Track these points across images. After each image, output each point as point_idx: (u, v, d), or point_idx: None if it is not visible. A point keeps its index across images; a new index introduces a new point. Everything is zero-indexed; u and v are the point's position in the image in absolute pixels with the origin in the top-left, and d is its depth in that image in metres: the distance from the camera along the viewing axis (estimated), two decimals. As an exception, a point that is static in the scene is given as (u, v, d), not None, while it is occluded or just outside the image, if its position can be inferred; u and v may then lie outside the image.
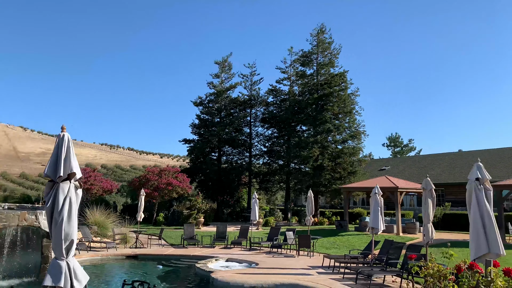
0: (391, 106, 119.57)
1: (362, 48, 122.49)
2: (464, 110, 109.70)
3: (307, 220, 17.88)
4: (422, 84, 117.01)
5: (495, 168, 31.69)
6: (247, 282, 10.71)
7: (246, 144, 37.46)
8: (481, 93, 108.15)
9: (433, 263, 3.92)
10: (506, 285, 3.53)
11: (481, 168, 6.31)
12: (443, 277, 3.79)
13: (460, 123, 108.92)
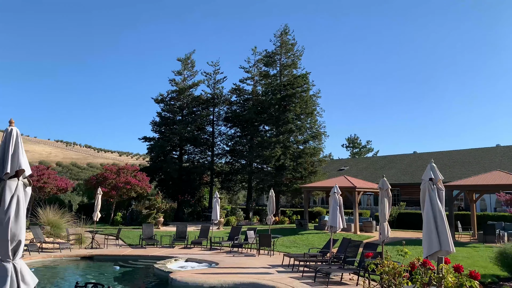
0: (351, 107, 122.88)
1: (323, 51, 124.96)
2: (419, 114, 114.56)
3: (268, 219, 17.97)
4: (380, 87, 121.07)
5: (447, 169, 33.29)
6: (207, 282, 10.60)
7: (208, 143, 37.15)
8: (435, 97, 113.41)
9: (388, 260, 4.02)
10: (456, 281, 3.68)
11: (435, 168, 6.57)
12: (398, 274, 3.90)
13: (415, 126, 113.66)
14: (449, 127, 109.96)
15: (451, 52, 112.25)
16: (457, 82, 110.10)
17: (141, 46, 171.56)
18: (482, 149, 37.54)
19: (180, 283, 10.68)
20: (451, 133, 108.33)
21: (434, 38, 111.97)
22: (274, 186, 30.93)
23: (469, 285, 3.65)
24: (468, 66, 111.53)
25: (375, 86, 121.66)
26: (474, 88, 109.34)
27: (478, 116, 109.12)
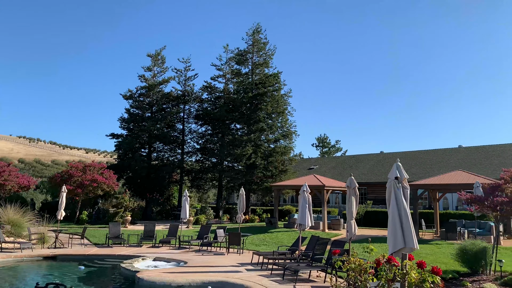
0: (321, 108, 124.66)
1: (295, 50, 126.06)
2: (386, 114, 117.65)
3: (238, 218, 17.96)
4: (349, 88, 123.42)
5: (412, 169, 34.34)
6: (175, 281, 10.47)
7: (178, 141, 36.68)
8: (401, 99, 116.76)
9: (355, 257, 4.08)
10: (419, 276, 3.78)
11: (400, 168, 6.74)
12: (363, 271, 3.96)
13: (382, 127, 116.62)
14: (414, 128, 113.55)
15: (417, 53, 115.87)
16: (422, 84, 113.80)
17: (110, 41, 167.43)
18: (445, 149, 38.96)
19: (147, 283, 10.50)
20: (416, 134, 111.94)
21: (400, 39, 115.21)
22: (244, 184, 30.95)
23: (431, 280, 3.76)
24: (432, 69, 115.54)
25: (343, 86, 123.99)
26: (439, 90, 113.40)
27: (442, 118, 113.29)
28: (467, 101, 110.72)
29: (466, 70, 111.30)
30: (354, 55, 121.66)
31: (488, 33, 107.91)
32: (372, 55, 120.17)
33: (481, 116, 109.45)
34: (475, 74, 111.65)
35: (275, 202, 26.95)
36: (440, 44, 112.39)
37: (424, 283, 3.70)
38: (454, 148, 39.03)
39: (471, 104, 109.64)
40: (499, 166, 30.53)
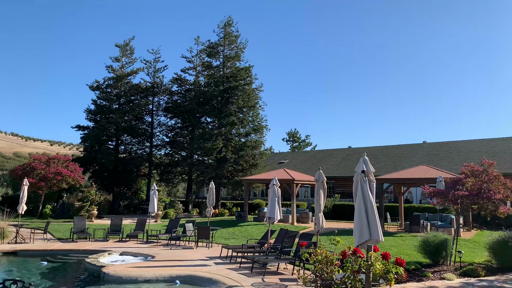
0: (292, 103, 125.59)
1: (267, 45, 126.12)
2: (354, 110, 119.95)
3: (207, 212, 17.85)
4: (318, 83, 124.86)
5: (378, 164, 35.22)
6: (142, 276, 10.30)
7: (147, 134, 36.01)
8: (368, 95, 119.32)
9: (321, 249, 4.12)
10: (383, 268, 3.86)
11: (367, 161, 6.86)
12: (330, 263, 4.01)
13: (350, 122, 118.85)
14: (382, 124, 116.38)
15: (387, 49, 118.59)
16: (390, 81, 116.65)
17: (76, 30, 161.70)
18: (410, 145, 40.17)
19: (113, 278, 10.28)
20: (383, 129, 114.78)
21: (366, 35, 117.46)
22: (215, 178, 30.81)
23: (395, 271, 3.84)
24: (396, 65, 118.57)
25: (313, 82, 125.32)
26: (404, 86, 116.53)
27: (406, 114, 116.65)
28: (432, 98, 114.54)
29: (430, 69, 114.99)
30: (324, 50, 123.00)
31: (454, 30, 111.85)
32: (340, 50, 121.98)
33: (445, 113, 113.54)
34: (439, 73, 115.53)
35: (245, 196, 26.99)
36: (408, 39, 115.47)
37: (388, 274, 3.79)
38: (419, 144, 40.30)
39: (435, 101, 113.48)
40: (461, 161, 31.82)
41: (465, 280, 9.74)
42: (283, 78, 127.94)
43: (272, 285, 9.20)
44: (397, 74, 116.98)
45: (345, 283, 3.90)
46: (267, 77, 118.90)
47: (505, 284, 9.30)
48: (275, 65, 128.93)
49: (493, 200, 10.74)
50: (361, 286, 3.96)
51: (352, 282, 3.91)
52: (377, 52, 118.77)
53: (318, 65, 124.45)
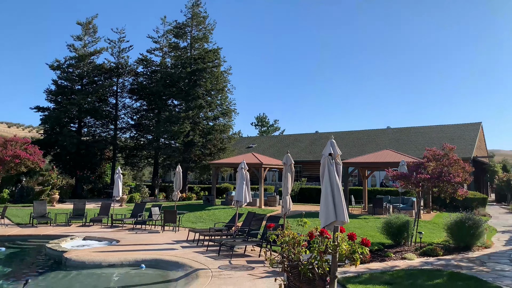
0: (261, 87, 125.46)
1: (235, 28, 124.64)
2: (321, 95, 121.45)
3: (174, 196, 17.62)
4: (287, 69, 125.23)
5: (344, 148, 35.92)
6: (106, 260, 10.06)
7: (111, 116, 34.90)
8: (336, 80, 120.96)
9: (288, 231, 4.11)
10: (349, 248, 3.89)
11: (334, 144, 6.89)
12: (297, 244, 4.00)
13: (317, 107, 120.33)
14: (348, 110, 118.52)
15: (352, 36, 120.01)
16: (356, 68, 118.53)
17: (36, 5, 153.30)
18: (375, 130, 41.17)
19: (75, 263, 10.00)
20: (349, 115, 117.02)
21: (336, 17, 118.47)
22: (182, 162, 30.43)
23: (361, 251, 3.88)
24: (364, 52, 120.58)
25: (282, 67, 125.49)
26: (370, 73, 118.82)
27: (370, 99, 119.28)
28: (395, 85, 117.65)
29: (396, 58, 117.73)
30: (292, 36, 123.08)
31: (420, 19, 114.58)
32: (310, 36, 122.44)
33: (408, 99, 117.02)
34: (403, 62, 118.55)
35: (213, 180, 26.85)
36: (375, 27, 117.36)
37: (354, 254, 3.82)
38: (383, 129, 41.37)
39: (399, 88, 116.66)
40: (423, 146, 32.98)
41: (425, 260, 10.15)
42: (252, 62, 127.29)
43: (239, 267, 9.23)
44: (364, 61, 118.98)
45: (311, 264, 3.91)
46: (236, 61, 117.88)
47: (461, 263, 9.75)
48: (244, 49, 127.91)
49: (452, 183, 11.17)
50: (328, 266, 3.98)
51: (319, 262, 3.93)
52: (347, 37, 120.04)
53: (287, 51, 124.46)
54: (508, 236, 14.65)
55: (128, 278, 9.17)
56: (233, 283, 7.83)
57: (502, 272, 8.82)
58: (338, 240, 3.93)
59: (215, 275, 8.43)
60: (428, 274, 8.49)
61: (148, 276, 9.24)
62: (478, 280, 7.95)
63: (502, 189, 30.41)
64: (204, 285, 7.67)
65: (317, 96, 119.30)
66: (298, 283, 4.16)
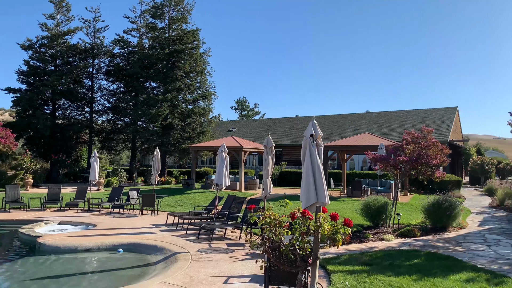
0: (241, 71, 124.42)
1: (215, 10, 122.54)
2: (302, 79, 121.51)
3: (152, 179, 17.32)
4: (268, 53, 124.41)
5: (324, 132, 36.01)
6: (82, 245, 9.80)
7: (86, 98, 33.93)
8: (316, 64, 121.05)
9: (270, 212, 3.99)
10: (331, 228, 3.81)
11: (316, 126, 6.79)
12: (278, 225, 3.89)
13: (298, 91, 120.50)
14: (327, 94, 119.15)
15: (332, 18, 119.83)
16: (336, 52, 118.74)
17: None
18: (354, 114, 41.49)
19: (49, 248, 9.70)
20: (329, 99, 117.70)
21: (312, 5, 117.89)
22: (160, 146, 29.98)
23: (343, 232, 3.81)
24: (343, 37, 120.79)
25: (263, 51, 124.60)
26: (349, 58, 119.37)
27: (349, 84, 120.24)
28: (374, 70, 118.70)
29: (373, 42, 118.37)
30: (273, 20, 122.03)
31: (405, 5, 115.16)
32: (289, 20, 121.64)
33: (387, 84, 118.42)
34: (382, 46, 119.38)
35: (192, 163, 26.58)
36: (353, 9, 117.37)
37: (337, 234, 3.74)
38: (362, 113, 41.73)
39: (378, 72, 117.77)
40: (402, 130, 33.45)
41: (403, 241, 10.29)
42: (232, 45, 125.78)
43: (219, 250, 9.14)
44: (343, 46, 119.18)
45: (293, 245, 3.81)
46: (215, 43, 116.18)
47: (437, 243, 9.94)
48: (224, 31, 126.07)
49: (430, 165, 11.30)
50: (309, 247, 3.90)
51: (300, 243, 3.83)
52: (325, 22, 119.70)
53: (267, 35, 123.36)
54: (482, 217, 15.06)
55: (105, 262, 8.97)
56: (213, 265, 7.74)
57: (477, 251, 9.03)
58: (320, 221, 3.84)
59: (195, 258, 8.32)
60: (406, 254, 8.60)
61: (125, 260, 9.05)
62: (455, 260, 8.09)
63: (476, 172, 31.30)
64: (183, 268, 7.55)
65: (298, 80, 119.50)
66: (280, 265, 4.07)
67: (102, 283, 7.39)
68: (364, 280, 6.63)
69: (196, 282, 6.67)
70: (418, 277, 6.81)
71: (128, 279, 7.51)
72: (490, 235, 11.03)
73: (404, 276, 6.83)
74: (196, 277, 6.97)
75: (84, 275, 7.93)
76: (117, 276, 7.76)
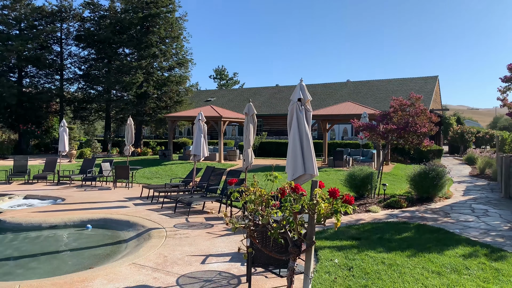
0: (219, 38, 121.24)
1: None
2: (281, 48, 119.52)
3: (126, 150, 16.37)
4: (247, 20, 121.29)
5: (304, 102, 35.37)
6: (46, 221, 8.99)
7: (55, 65, 31.99)
8: (296, 33, 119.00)
9: (255, 187, 3.28)
10: (330, 207, 3.14)
11: (304, 88, 6.05)
12: (265, 203, 3.20)
13: (277, 60, 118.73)
14: (306, 63, 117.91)
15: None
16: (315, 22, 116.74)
17: None
18: (334, 83, 40.84)
19: (10, 225, 8.86)
20: (309, 68, 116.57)
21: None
22: (135, 115, 28.77)
23: (344, 210, 3.15)
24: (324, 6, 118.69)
25: (241, 19, 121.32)
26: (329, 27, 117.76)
27: (330, 53, 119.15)
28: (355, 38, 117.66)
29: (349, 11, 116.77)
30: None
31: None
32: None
33: (367, 53, 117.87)
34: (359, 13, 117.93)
35: (169, 134, 25.58)
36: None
37: (336, 214, 3.10)
38: (343, 82, 41.12)
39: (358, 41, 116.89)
40: (383, 99, 33.10)
41: (389, 212, 9.89)
42: (209, 11, 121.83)
43: (197, 225, 8.50)
44: (323, 15, 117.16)
45: (284, 227, 3.14)
46: (191, 9, 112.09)
47: (425, 214, 9.57)
48: None
49: (418, 133, 10.81)
50: (302, 229, 3.24)
51: (292, 225, 3.17)
52: None
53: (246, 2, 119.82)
54: (464, 186, 14.91)
55: (71, 241, 8.21)
56: (190, 243, 7.10)
57: (467, 223, 8.68)
58: (317, 198, 3.18)
59: (170, 235, 7.65)
60: (395, 227, 8.17)
61: (94, 238, 8.31)
62: (446, 232, 7.70)
63: (455, 141, 31.46)
64: (156, 246, 6.88)
65: (277, 49, 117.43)
66: (268, 252, 3.41)
67: (64, 265, 6.66)
68: (354, 257, 6.12)
69: (171, 262, 6.02)
70: (411, 252, 6.34)
71: (95, 259, 6.80)
72: (477, 205, 10.77)
73: (397, 252, 6.35)
74: (170, 256, 6.32)
75: (45, 256, 7.16)
76: (82, 257, 7.03)
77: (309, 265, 3.26)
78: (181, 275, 5.49)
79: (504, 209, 10.28)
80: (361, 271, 5.53)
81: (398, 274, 5.41)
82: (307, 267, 3.26)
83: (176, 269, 5.74)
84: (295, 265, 3.24)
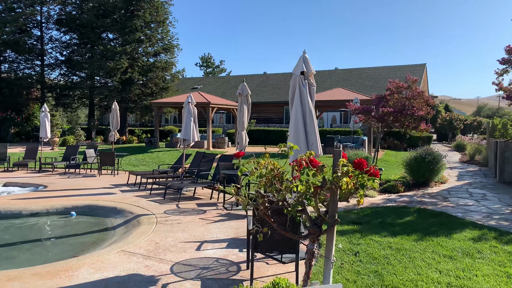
0: (206, 25, 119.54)
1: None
2: (268, 36, 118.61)
3: (111, 136, 15.75)
4: (234, 7, 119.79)
5: (293, 89, 34.95)
6: (27, 209, 8.43)
7: (36, 50, 30.80)
8: (283, 21, 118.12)
9: (266, 159, 2.85)
10: (354, 181, 2.74)
11: (307, 61, 5.62)
12: (278, 177, 2.78)
13: (264, 48, 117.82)
14: (293, 50, 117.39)
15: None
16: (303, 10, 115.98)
17: None
18: (323, 71, 40.48)
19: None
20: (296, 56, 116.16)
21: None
22: (120, 102, 27.94)
23: (370, 185, 2.76)
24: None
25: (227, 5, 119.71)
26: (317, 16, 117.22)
27: (319, 41, 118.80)
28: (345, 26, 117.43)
29: None
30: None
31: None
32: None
33: (355, 40, 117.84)
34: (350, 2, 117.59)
35: (155, 121, 24.91)
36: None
37: (363, 188, 2.70)
38: (332, 70, 40.79)
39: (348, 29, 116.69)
40: (372, 87, 32.91)
41: (387, 196, 9.61)
42: None
43: (188, 211, 8.07)
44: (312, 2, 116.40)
45: (302, 204, 2.73)
46: None
47: (423, 198, 9.32)
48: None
49: (415, 117, 10.52)
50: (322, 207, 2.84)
51: (310, 202, 2.76)
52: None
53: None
54: (457, 171, 14.78)
55: (54, 228, 7.69)
56: (182, 229, 6.67)
57: (467, 207, 8.45)
58: (342, 170, 2.78)
59: (161, 221, 7.20)
60: (395, 211, 7.88)
61: (79, 225, 7.81)
62: (449, 216, 7.44)
63: (444, 128, 31.54)
64: (147, 233, 6.43)
65: (265, 37, 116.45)
66: (286, 233, 2.99)
67: (47, 253, 6.17)
68: (359, 242, 5.79)
69: (163, 249, 5.59)
70: (418, 237, 6.04)
71: (80, 247, 6.31)
72: (473, 190, 10.58)
73: (403, 236, 6.04)
74: (163, 243, 5.88)
75: (26, 244, 6.65)
76: (67, 245, 6.54)
77: (331, 247, 2.87)
78: (175, 262, 5.07)
79: (501, 193, 10.12)
80: (368, 256, 5.20)
81: (408, 258, 5.10)
82: (329, 249, 2.87)
83: (169, 256, 5.31)
84: (314, 247, 2.84)
